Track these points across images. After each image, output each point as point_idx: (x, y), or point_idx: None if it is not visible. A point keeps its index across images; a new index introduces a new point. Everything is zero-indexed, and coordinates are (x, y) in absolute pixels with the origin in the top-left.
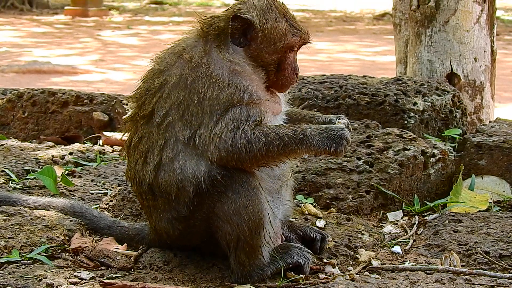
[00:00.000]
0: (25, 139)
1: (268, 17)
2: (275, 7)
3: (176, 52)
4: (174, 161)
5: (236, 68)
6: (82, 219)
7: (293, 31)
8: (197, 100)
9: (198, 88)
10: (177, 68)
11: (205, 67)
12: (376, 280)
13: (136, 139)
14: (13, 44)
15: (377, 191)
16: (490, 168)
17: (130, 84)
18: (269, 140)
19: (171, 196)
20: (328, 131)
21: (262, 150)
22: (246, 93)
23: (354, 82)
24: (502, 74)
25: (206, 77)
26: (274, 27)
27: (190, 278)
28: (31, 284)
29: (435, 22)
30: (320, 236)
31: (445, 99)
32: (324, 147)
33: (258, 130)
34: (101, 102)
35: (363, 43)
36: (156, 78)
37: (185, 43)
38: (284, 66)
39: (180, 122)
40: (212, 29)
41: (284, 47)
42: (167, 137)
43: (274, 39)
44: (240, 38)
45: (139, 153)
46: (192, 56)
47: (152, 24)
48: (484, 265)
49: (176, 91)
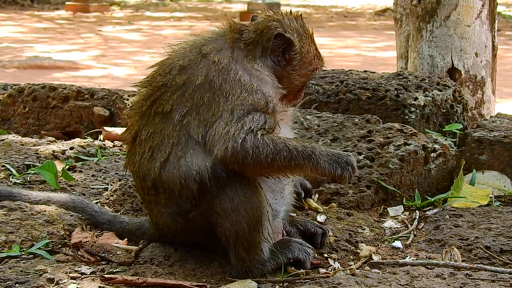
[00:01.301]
0: (26, 134)
1: (304, 40)
2: (307, 30)
3: (201, 51)
4: (181, 159)
5: (265, 78)
6: (82, 214)
7: (318, 56)
8: (223, 101)
9: (226, 91)
10: (203, 68)
11: (233, 72)
12: (377, 275)
13: (146, 132)
14: (14, 39)
15: (378, 186)
16: (491, 163)
17: (131, 79)
18: (277, 149)
19: (175, 193)
20: (336, 155)
21: (269, 158)
22: (271, 103)
23: (355, 77)
24: (503, 70)
25: (234, 82)
26: (309, 51)
27: (190, 273)
28: (31, 279)
29: (436, 17)
30: (321, 231)
31: (446, 94)
32: (330, 169)
33: (269, 137)
34: (102, 97)
35: (364, 38)
36: (177, 75)
37: (211, 44)
38: (303, 87)
39: (197, 121)
40: (242, 37)
41: (312, 71)
42: (181, 135)
43: (307, 62)
44: (278, 57)
45: (148, 147)
46: (220, 60)
47: (153, 20)
48: (484, 260)
49: (200, 92)
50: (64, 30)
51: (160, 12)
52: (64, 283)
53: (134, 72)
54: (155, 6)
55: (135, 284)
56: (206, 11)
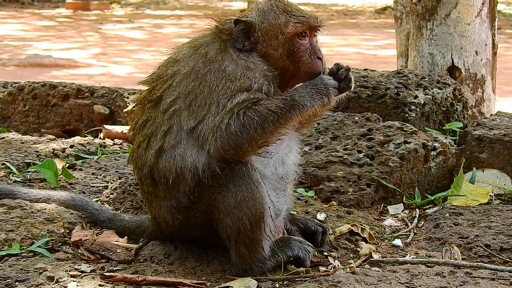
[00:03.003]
0: (26, 132)
1: (267, 16)
2: (276, 6)
3: (193, 46)
4: (176, 148)
5: (250, 66)
6: (82, 212)
7: (293, 20)
8: (207, 92)
9: (210, 81)
10: (191, 60)
11: (218, 63)
12: (377, 273)
13: (141, 121)
14: (14, 37)
15: (378, 184)
16: (491, 161)
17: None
18: (262, 117)
19: (169, 182)
20: (313, 86)
21: (258, 129)
22: (256, 83)
23: (355, 75)
24: (503, 68)
25: (219, 72)
26: (272, 23)
27: (190, 271)
28: (31, 276)
29: (436, 15)
30: (321, 229)
31: (446, 92)
32: (317, 103)
33: (250, 110)
34: (102, 95)
35: (364, 36)
36: (170, 66)
37: (203, 39)
38: (298, 54)
39: (186, 111)
40: (225, 28)
41: (287, 37)
42: (172, 124)
43: (275, 34)
44: (244, 42)
45: (143, 136)
46: (208, 52)
47: (153, 18)
48: (484, 258)
49: (186, 81)
50: (64, 28)
51: (161, 10)
52: (64, 281)
53: (134, 70)
54: (156, 4)
55: (135, 282)
56: (206, 9)
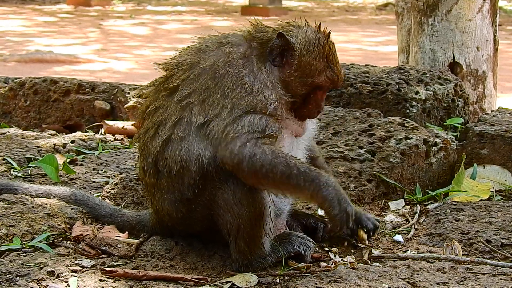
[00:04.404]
0: (27, 127)
1: (310, 51)
2: (321, 46)
3: (219, 41)
4: (184, 140)
5: (267, 83)
6: (83, 207)
7: (328, 74)
8: (221, 94)
9: (225, 84)
10: (214, 55)
11: (238, 68)
12: (378, 269)
13: (153, 107)
14: (15, 33)
15: (379, 180)
16: (492, 157)
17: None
18: (276, 162)
19: (173, 173)
20: (343, 194)
21: (264, 168)
22: (271, 104)
23: (356, 71)
24: (504, 64)
25: (236, 78)
26: (311, 63)
27: (191, 266)
28: (32, 271)
29: (437, 11)
30: (323, 225)
31: (447, 88)
32: (329, 203)
33: (270, 148)
34: (103, 91)
35: (365, 33)
36: (191, 55)
37: (230, 38)
38: (310, 101)
39: (199, 106)
40: (258, 36)
41: (313, 84)
42: (183, 116)
43: (308, 73)
44: (276, 57)
45: (152, 122)
46: (231, 53)
47: (155, 14)
48: (485, 254)
49: (204, 77)
50: (65, 23)
51: (162, 6)
52: (65, 276)
53: (136, 66)
54: (157, 0)
55: (135, 277)
56: (208, 5)
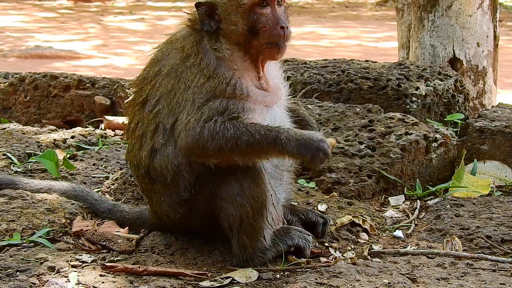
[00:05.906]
0: (27, 123)
1: None
2: None
3: (170, 42)
4: (167, 146)
5: (220, 56)
6: (83, 203)
7: None
8: (183, 88)
9: (186, 78)
10: (171, 58)
11: (194, 56)
12: (378, 264)
13: (133, 124)
14: (15, 28)
15: (379, 175)
16: (492, 153)
17: (133, 69)
18: (238, 133)
19: (168, 180)
20: (307, 139)
21: (229, 143)
22: (229, 85)
23: (357, 66)
24: (504, 60)
25: (194, 66)
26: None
27: (191, 262)
28: (32, 267)
29: (437, 6)
30: (322, 220)
31: (447, 84)
32: (298, 153)
33: (229, 123)
34: (103, 86)
35: (365, 29)
36: (152, 67)
37: (179, 34)
38: (258, 26)
39: (167, 109)
40: (196, 18)
41: (245, 9)
42: (157, 123)
43: (233, 8)
44: (210, 23)
45: (136, 137)
46: (184, 46)
47: (154, 9)
48: (485, 249)
49: (167, 80)
50: (65, 19)
51: (162, 2)
52: (65, 271)
53: (136, 62)
54: None
55: (136, 272)
56: None
